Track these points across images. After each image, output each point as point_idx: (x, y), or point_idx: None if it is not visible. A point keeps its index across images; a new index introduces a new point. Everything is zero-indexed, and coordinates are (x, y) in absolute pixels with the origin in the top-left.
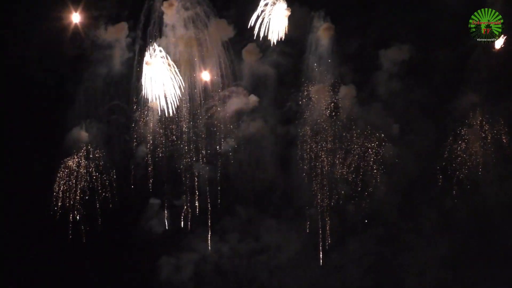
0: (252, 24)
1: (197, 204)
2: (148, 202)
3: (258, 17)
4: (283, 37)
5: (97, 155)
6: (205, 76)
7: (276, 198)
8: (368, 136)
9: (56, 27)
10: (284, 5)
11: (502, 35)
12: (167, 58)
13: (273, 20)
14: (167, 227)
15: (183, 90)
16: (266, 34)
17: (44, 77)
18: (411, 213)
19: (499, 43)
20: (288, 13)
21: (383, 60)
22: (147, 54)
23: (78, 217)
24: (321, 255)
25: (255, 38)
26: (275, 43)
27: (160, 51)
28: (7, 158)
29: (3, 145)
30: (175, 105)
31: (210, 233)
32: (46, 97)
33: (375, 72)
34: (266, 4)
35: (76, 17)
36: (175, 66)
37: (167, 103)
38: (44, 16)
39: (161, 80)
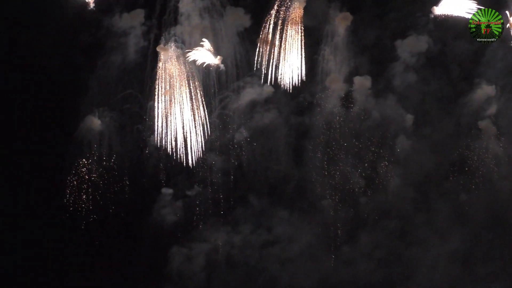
0: (259, 65)
1: (210, 192)
2: (161, 192)
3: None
4: (299, 82)
5: (109, 144)
6: (220, 64)
7: (289, 189)
8: (383, 128)
9: (70, 14)
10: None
11: None
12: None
13: (287, 58)
14: (179, 217)
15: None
16: (275, 74)
17: (58, 65)
18: (424, 207)
19: None
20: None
21: (400, 51)
22: (161, 44)
23: (90, 207)
24: (332, 248)
25: (262, 82)
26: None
27: (176, 46)
28: (21, 146)
29: (17, 132)
30: (198, 155)
31: (222, 223)
32: (60, 84)
33: (391, 63)
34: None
35: (91, 4)
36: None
37: (186, 151)
38: (58, 3)
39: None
